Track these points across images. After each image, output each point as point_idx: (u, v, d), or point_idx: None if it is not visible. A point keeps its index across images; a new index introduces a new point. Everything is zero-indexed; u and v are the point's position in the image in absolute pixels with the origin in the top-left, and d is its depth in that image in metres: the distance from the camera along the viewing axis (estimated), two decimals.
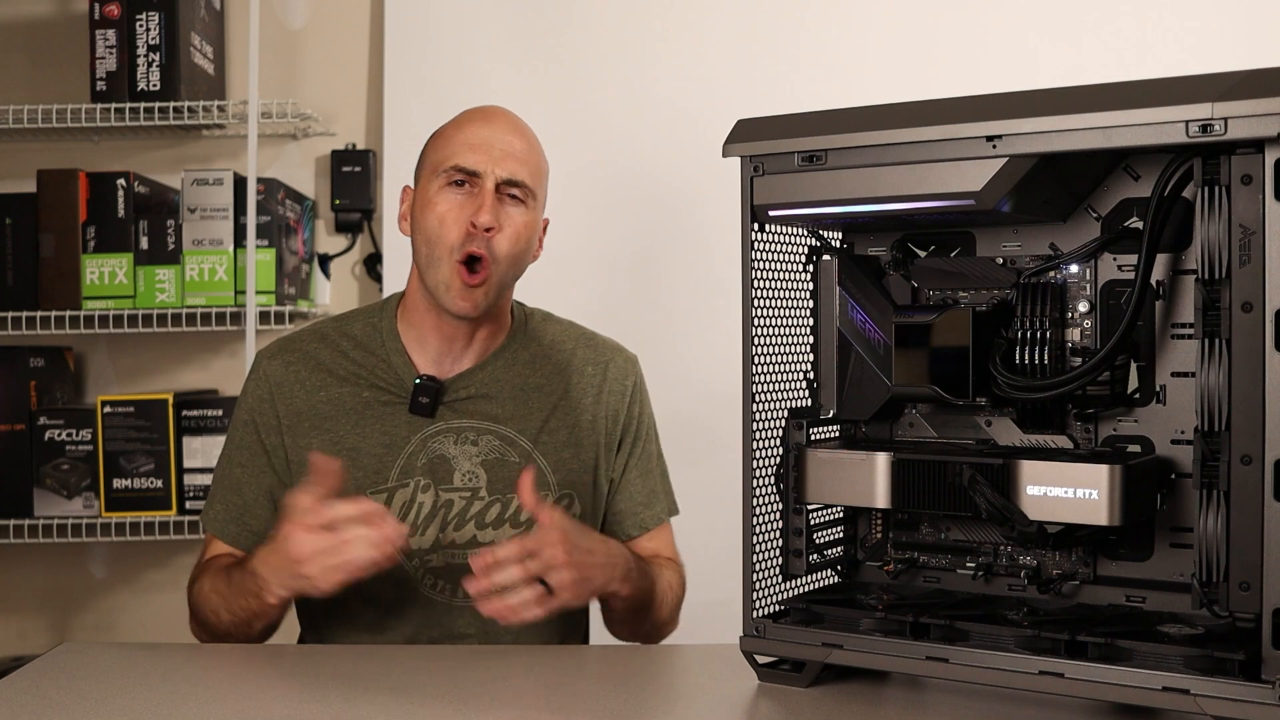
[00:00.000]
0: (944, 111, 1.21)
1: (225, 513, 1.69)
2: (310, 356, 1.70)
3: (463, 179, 1.62)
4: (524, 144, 1.66)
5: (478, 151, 1.62)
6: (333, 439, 1.66)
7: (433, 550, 1.66)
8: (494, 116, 1.68)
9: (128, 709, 1.28)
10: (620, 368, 1.77)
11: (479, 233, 1.59)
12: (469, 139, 1.63)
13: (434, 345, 1.68)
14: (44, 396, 2.78)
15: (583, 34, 2.86)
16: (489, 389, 1.69)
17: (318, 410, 1.67)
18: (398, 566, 1.65)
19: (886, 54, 2.76)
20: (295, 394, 1.68)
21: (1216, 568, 1.13)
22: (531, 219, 1.66)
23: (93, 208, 2.71)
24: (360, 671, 1.40)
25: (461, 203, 1.61)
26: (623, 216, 2.86)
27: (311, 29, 3.00)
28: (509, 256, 1.62)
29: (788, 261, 1.39)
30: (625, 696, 1.31)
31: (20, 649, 2.91)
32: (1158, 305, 1.27)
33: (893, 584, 1.42)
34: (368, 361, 1.69)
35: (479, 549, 1.48)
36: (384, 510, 1.46)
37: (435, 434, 1.67)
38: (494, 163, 1.62)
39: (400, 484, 1.65)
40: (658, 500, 1.78)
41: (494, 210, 1.60)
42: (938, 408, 1.40)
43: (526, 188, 1.64)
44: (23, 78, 2.98)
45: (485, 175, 1.61)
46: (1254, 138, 1.06)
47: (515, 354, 1.72)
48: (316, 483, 1.47)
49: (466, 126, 1.66)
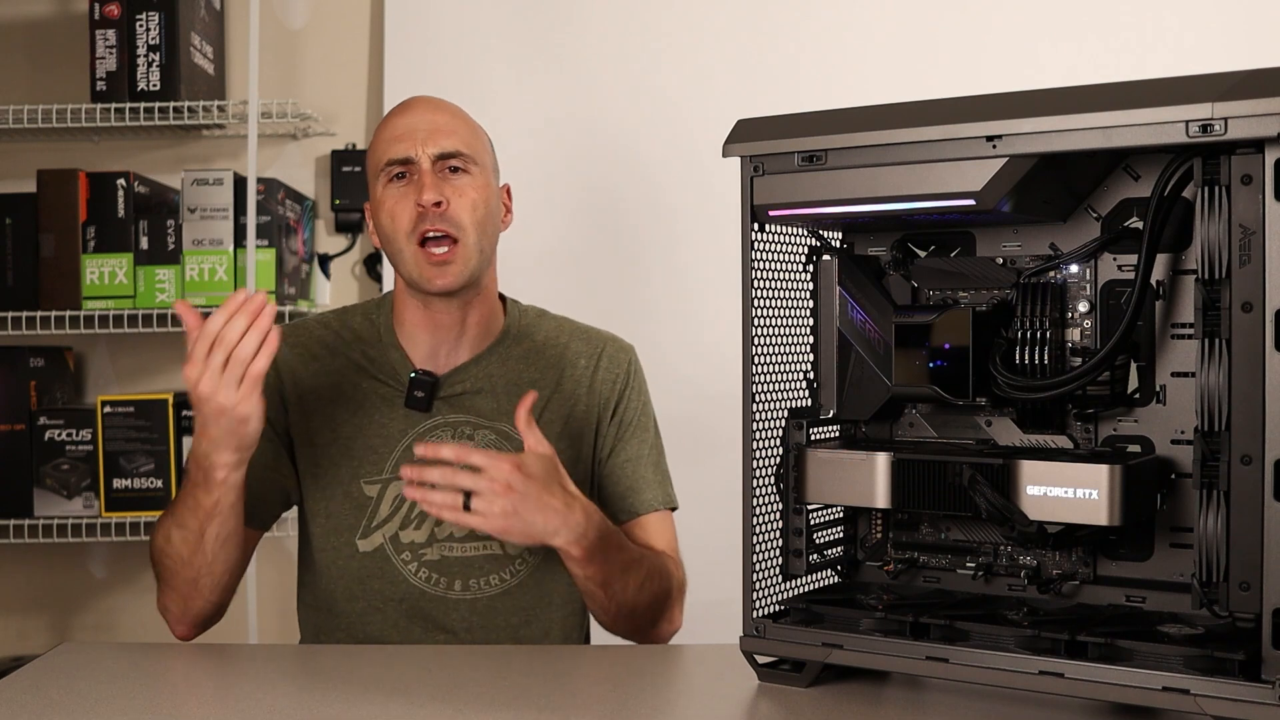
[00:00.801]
0: (944, 111, 1.21)
1: None
2: (316, 341, 1.72)
3: (402, 171, 1.64)
4: (447, 117, 1.67)
5: (403, 140, 1.64)
6: (331, 423, 1.67)
7: (427, 544, 1.66)
8: (413, 104, 1.70)
9: (128, 709, 1.28)
10: (613, 356, 1.77)
11: (429, 209, 1.60)
12: (393, 133, 1.65)
13: (426, 339, 1.69)
14: (44, 396, 2.78)
15: (583, 34, 2.86)
16: (484, 384, 1.70)
17: (319, 393, 1.68)
18: (388, 562, 1.65)
19: (887, 54, 2.76)
20: (301, 374, 1.69)
21: (1216, 568, 1.13)
22: (483, 183, 1.66)
23: (93, 208, 2.70)
24: (360, 671, 1.40)
25: (404, 191, 1.63)
26: (622, 216, 2.86)
27: (311, 29, 3.00)
28: (475, 224, 1.63)
29: (788, 261, 1.39)
30: (625, 696, 1.31)
31: (20, 649, 2.91)
32: (1158, 305, 1.27)
33: (893, 584, 1.42)
34: (367, 354, 1.70)
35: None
36: (241, 293, 1.43)
37: (432, 428, 1.67)
38: (420, 144, 1.63)
39: (395, 476, 1.66)
40: (647, 488, 1.74)
41: (436, 186, 1.61)
42: (938, 408, 1.40)
43: (464, 155, 1.65)
44: (23, 78, 2.98)
45: (418, 158, 1.63)
46: (1254, 138, 1.06)
47: (509, 349, 1.73)
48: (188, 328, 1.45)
49: (389, 123, 1.68)
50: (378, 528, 1.67)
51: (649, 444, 1.78)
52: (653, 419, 1.80)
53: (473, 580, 1.66)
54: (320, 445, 1.68)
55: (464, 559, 1.66)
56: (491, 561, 1.67)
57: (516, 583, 1.67)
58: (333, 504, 1.67)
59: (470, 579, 1.66)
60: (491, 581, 1.67)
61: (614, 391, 1.75)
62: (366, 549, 1.66)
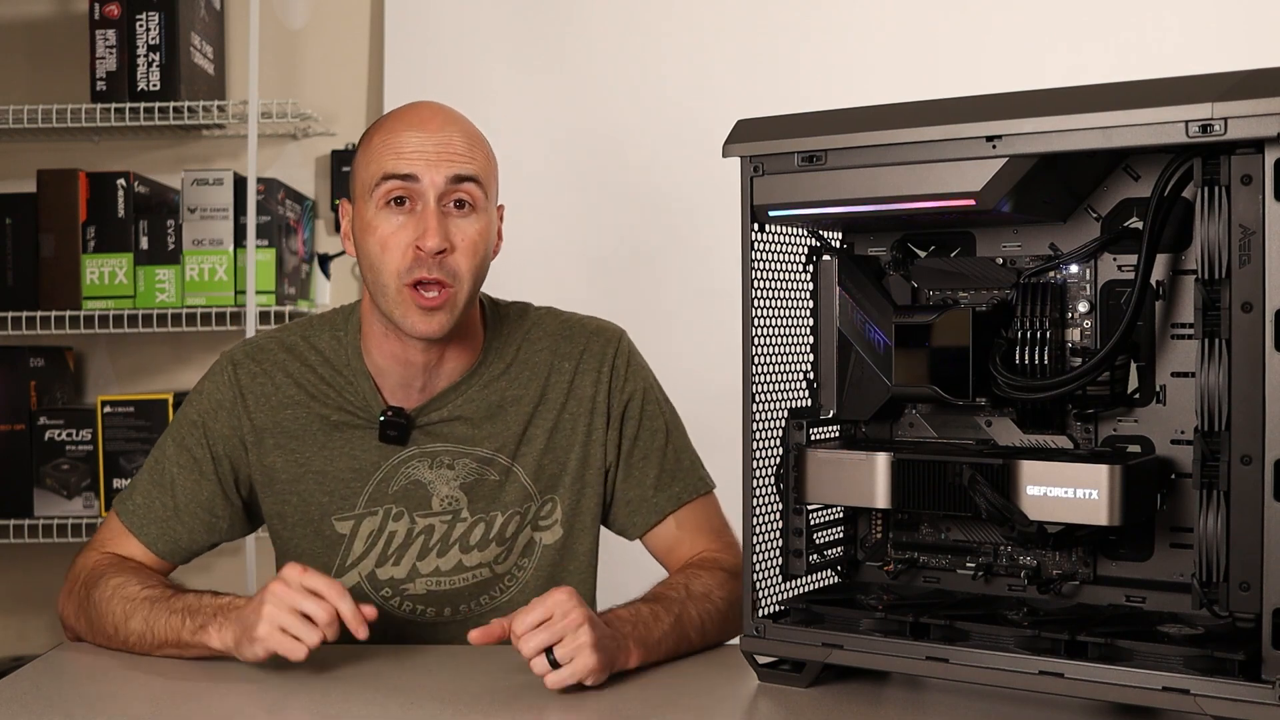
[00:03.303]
0: (944, 111, 1.21)
1: (150, 511, 1.57)
2: (280, 368, 1.59)
3: (402, 194, 1.47)
4: (461, 137, 1.51)
5: (410, 156, 1.47)
6: (298, 459, 1.57)
7: (409, 579, 1.58)
8: (423, 114, 1.52)
9: (128, 709, 1.28)
10: (596, 354, 1.62)
11: (427, 257, 1.46)
12: (400, 145, 1.48)
13: (398, 372, 1.56)
14: (44, 396, 2.78)
15: (583, 34, 2.86)
16: (463, 410, 1.58)
17: (283, 427, 1.57)
18: (366, 601, 1.53)
19: (887, 54, 2.76)
20: (261, 407, 1.57)
21: (1216, 568, 1.13)
22: (485, 222, 1.51)
23: (93, 208, 2.70)
24: (360, 671, 1.40)
25: (403, 224, 1.47)
26: (622, 216, 2.86)
27: (311, 29, 3.00)
28: (472, 270, 1.49)
29: (788, 261, 1.39)
30: (625, 696, 1.31)
31: (20, 649, 2.91)
32: (1158, 305, 1.27)
33: (893, 584, 1.42)
34: (335, 381, 1.58)
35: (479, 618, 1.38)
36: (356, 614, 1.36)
37: (409, 459, 1.57)
38: (431, 165, 1.47)
39: (368, 511, 1.57)
40: (675, 480, 1.62)
41: (440, 230, 1.46)
42: (938, 408, 1.40)
43: (475, 182, 1.49)
44: (23, 78, 2.98)
45: (423, 183, 1.47)
46: (1254, 138, 1.07)
47: (489, 370, 1.60)
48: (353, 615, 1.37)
49: (394, 131, 1.50)
50: (352, 566, 1.58)
51: (661, 432, 1.64)
52: (657, 404, 1.65)
53: (464, 605, 1.60)
54: (285, 481, 1.58)
55: (452, 590, 1.60)
56: (480, 586, 1.61)
57: (507, 599, 1.61)
58: (303, 543, 1.59)
59: (461, 604, 1.60)
60: (482, 601, 1.61)
61: (600, 389, 1.61)
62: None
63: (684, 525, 1.63)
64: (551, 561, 1.62)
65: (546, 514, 1.62)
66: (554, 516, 1.62)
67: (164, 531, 1.57)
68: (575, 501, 1.62)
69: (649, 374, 1.68)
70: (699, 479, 1.65)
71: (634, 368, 1.65)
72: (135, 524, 1.58)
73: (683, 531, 1.62)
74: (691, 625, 1.46)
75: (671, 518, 1.63)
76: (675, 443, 1.65)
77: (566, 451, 1.61)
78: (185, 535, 1.58)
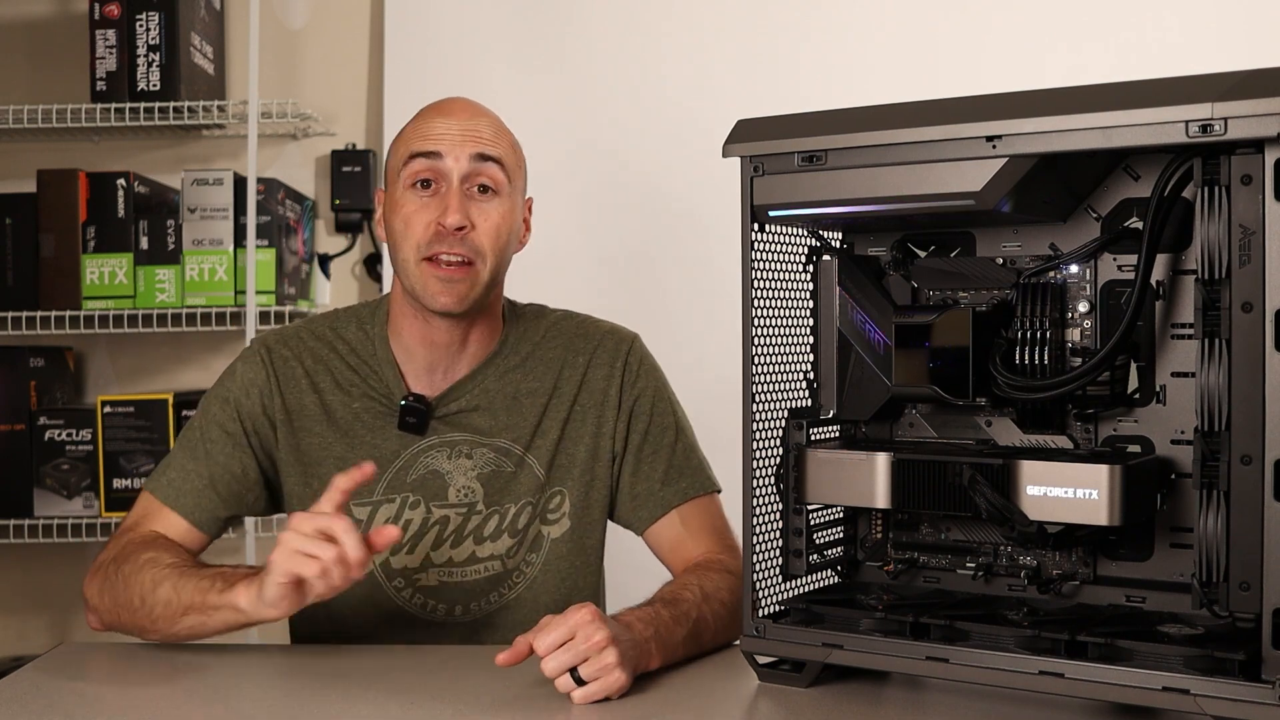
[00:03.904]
0: (944, 111, 1.21)
1: (185, 483, 1.59)
2: (310, 354, 1.64)
3: (428, 177, 1.55)
4: (487, 122, 1.59)
5: (436, 137, 1.55)
6: (321, 443, 1.61)
7: (422, 569, 1.60)
8: (452, 103, 1.61)
9: (128, 709, 1.28)
10: (610, 350, 1.67)
11: (449, 233, 1.53)
12: (427, 128, 1.57)
13: (423, 354, 1.62)
14: (44, 396, 2.78)
15: (583, 34, 2.86)
16: (480, 400, 1.63)
17: (309, 411, 1.62)
18: (379, 590, 1.59)
19: (887, 54, 2.76)
20: (291, 390, 1.62)
21: (1216, 568, 1.13)
22: (509, 206, 1.58)
23: (93, 208, 2.71)
24: (360, 671, 1.40)
25: (427, 203, 1.55)
26: (622, 217, 2.86)
27: (311, 29, 3.00)
28: (494, 250, 1.56)
29: (788, 261, 1.39)
30: (625, 696, 1.31)
31: (20, 649, 2.91)
32: (1158, 305, 1.27)
33: (893, 584, 1.42)
34: (361, 369, 1.63)
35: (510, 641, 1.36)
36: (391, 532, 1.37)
37: (428, 448, 1.61)
38: (456, 144, 1.55)
39: (386, 499, 1.60)
40: (682, 476, 1.64)
41: (461, 208, 1.53)
42: (938, 408, 1.40)
43: (499, 165, 1.56)
44: (23, 78, 2.98)
45: (448, 162, 1.54)
46: (1254, 138, 1.07)
47: (506, 360, 1.65)
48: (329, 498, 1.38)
49: (424, 117, 1.60)
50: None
51: (670, 429, 1.67)
52: (669, 403, 1.69)
53: (474, 603, 1.62)
54: (308, 465, 1.61)
55: (464, 584, 1.61)
56: (492, 582, 1.62)
57: (514, 596, 1.62)
58: None
59: (471, 602, 1.61)
60: (492, 599, 1.62)
61: (611, 385, 1.65)
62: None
63: (689, 523, 1.64)
64: (559, 556, 1.63)
65: (555, 506, 1.63)
66: (562, 509, 1.64)
67: (199, 502, 1.59)
68: (584, 494, 1.64)
69: (661, 376, 1.72)
70: (706, 478, 1.68)
71: (646, 367, 1.70)
72: (170, 496, 1.60)
73: (687, 530, 1.64)
74: (705, 627, 1.47)
75: (676, 514, 1.64)
76: (685, 441, 1.69)
77: (577, 443, 1.65)
78: (220, 504, 1.61)
